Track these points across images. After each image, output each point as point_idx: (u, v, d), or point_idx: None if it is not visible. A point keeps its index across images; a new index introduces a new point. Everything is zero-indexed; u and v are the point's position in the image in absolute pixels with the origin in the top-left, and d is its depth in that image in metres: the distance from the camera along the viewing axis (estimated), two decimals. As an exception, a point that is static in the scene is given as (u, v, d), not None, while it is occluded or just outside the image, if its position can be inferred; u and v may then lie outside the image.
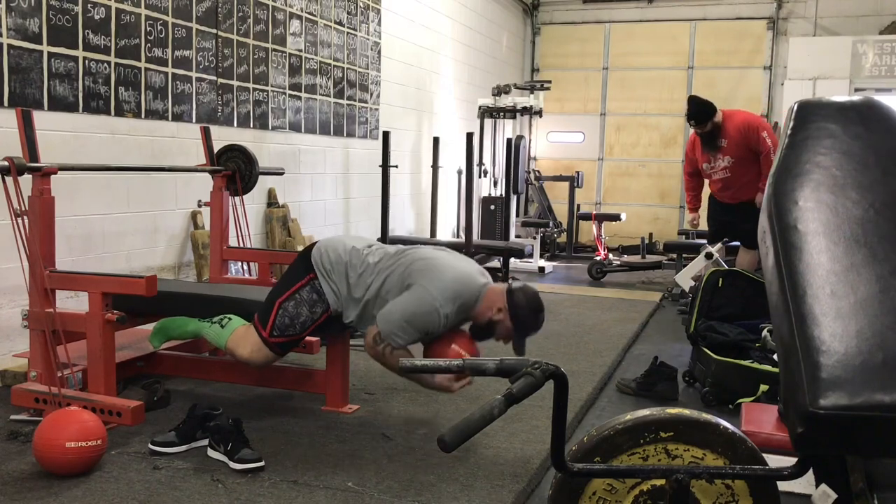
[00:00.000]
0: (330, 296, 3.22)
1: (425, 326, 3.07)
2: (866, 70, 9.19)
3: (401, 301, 3.09)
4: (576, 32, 11.58)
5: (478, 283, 3.17)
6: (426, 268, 3.13)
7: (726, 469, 1.75)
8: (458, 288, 3.09)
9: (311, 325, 3.23)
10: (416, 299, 3.06)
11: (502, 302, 3.12)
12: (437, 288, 3.06)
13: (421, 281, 3.09)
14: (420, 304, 3.05)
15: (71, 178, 3.99)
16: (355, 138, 6.98)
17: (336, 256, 3.26)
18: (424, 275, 3.10)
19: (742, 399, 3.66)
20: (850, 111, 1.76)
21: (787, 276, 1.56)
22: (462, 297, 3.10)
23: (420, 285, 3.08)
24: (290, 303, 3.22)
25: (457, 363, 1.71)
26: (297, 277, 3.26)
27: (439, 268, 3.13)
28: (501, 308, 3.12)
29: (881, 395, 1.41)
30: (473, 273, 3.21)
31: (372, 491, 2.70)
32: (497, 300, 3.13)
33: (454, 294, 3.07)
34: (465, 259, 3.33)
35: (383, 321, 3.09)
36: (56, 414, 2.82)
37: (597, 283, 8.07)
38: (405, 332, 3.07)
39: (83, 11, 4.12)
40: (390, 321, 3.07)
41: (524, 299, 3.13)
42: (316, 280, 3.23)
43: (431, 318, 3.05)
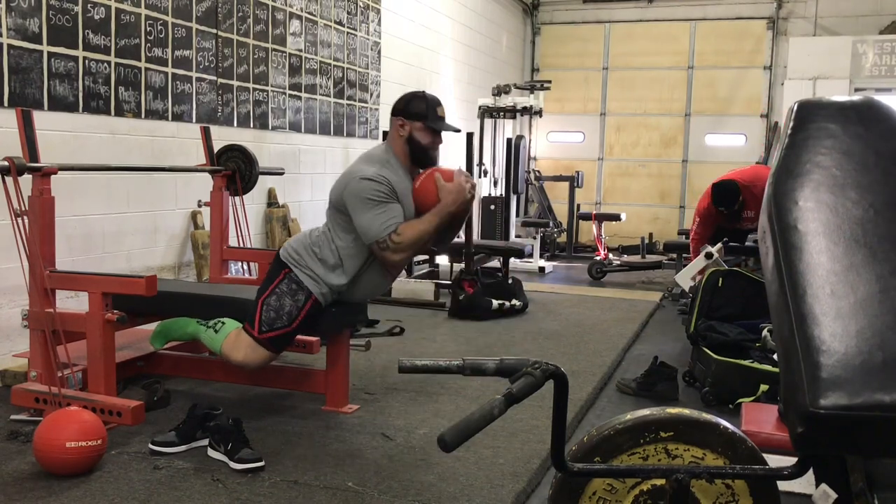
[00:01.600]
0: (308, 282, 3.27)
1: (378, 194, 3.15)
2: (866, 70, 9.19)
3: (353, 213, 3.19)
4: (576, 32, 11.58)
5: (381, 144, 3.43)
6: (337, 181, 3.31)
7: (726, 469, 1.75)
8: (364, 159, 3.31)
9: (297, 314, 3.26)
10: (351, 194, 3.18)
11: (397, 120, 3.31)
12: (349, 174, 3.24)
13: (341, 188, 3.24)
14: (355, 193, 3.16)
15: (71, 178, 3.98)
16: (355, 138, 6.98)
17: (299, 244, 3.36)
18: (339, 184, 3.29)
19: (742, 399, 3.66)
20: (850, 111, 1.76)
21: (787, 276, 1.56)
22: (373, 158, 3.30)
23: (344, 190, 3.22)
24: (272, 297, 3.28)
25: (457, 363, 1.71)
26: (275, 275, 3.34)
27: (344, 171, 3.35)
28: (400, 124, 3.30)
29: (881, 395, 1.41)
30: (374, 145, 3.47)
31: (372, 491, 2.70)
32: (393, 126, 3.33)
33: (364, 163, 3.26)
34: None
35: (364, 235, 3.19)
36: (56, 414, 2.82)
37: (597, 283, 8.07)
38: (380, 216, 3.15)
39: (83, 11, 4.12)
40: (365, 226, 3.17)
41: (403, 98, 3.36)
42: (291, 272, 3.31)
43: (369, 186, 3.15)
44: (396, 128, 3.31)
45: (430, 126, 3.31)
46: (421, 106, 3.31)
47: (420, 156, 3.33)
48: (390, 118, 3.38)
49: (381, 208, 3.14)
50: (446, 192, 3.21)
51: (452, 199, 3.22)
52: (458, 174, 3.28)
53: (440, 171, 3.27)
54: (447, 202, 3.21)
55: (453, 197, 3.22)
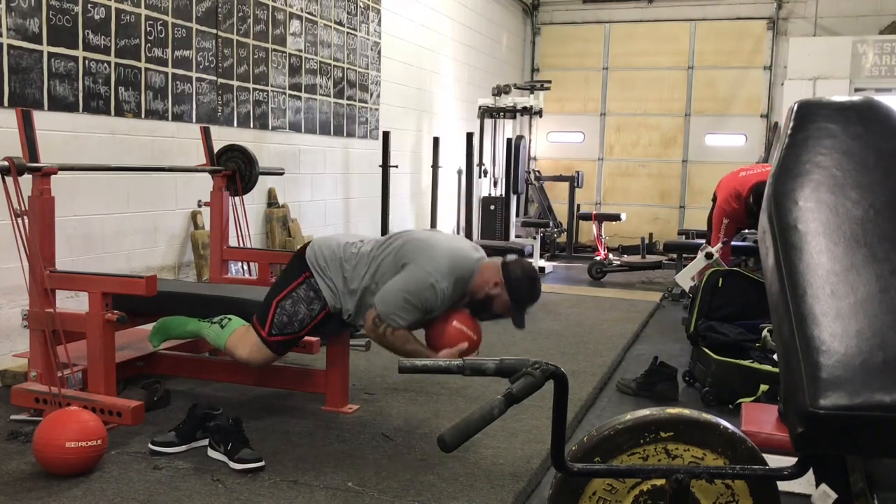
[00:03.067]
0: (326, 293, 3.23)
1: (423, 303, 3.07)
2: (866, 70, 9.20)
3: (397, 280, 3.10)
4: (576, 32, 11.58)
5: (472, 257, 3.20)
6: (419, 247, 3.15)
7: (726, 469, 1.75)
8: (452, 263, 3.11)
9: (309, 322, 3.24)
10: (412, 277, 3.06)
11: (498, 276, 3.14)
12: (432, 264, 3.07)
13: (415, 259, 3.10)
14: (416, 281, 3.05)
15: (71, 178, 3.98)
16: (355, 138, 6.98)
17: (330, 253, 3.27)
18: (418, 253, 3.11)
19: (742, 399, 3.66)
20: (850, 111, 1.76)
21: (787, 276, 1.56)
22: (457, 271, 3.11)
23: (414, 264, 3.09)
24: (288, 301, 3.23)
25: (457, 363, 1.71)
26: (293, 276, 3.27)
27: (432, 245, 3.15)
28: (497, 282, 3.14)
29: (881, 395, 1.41)
30: (467, 248, 3.24)
31: (372, 491, 2.70)
32: (493, 275, 3.15)
33: (449, 269, 3.09)
34: (457, 237, 3.37)
35: (381, 302, 3.10)
36: (56, 414, 2.82)
37: (597, 283, 8.07)
38: (404, 311, 3.07)
39: (83, 11, 4.12)
40: (388, 301, 3.08)
41: (520, 271, 3.17)
42: (312, 278, 3.25)
43: (429, 294, 3.05)
44: (493, 281, 3.15)
45: (513, 311, 3.19)
46: (525, 294, 3.17)
47: (480, 310, 3.23)
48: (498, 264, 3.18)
49: (409, 307, 3.06)
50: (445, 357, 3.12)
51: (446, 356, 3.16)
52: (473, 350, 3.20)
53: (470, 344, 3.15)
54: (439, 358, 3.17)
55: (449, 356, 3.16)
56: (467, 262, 3.16)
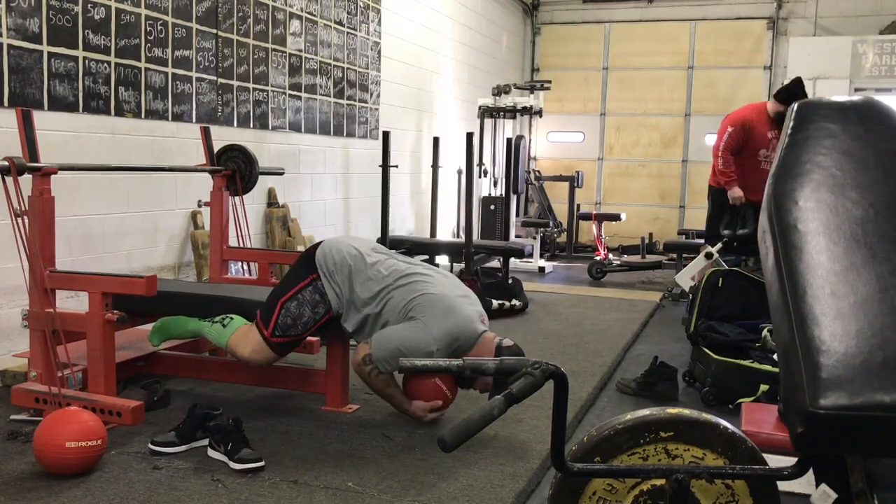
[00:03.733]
0: (332, 297, 3.24)
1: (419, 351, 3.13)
2: (866, 70, 9.20)
3: (400, 331, 3.16)
4: (576, 32, 11.58)
5: (476, 331, 3.28)
6: (433, 304, 3.20)
7: (726, 469, 1.75)
8: (457, 333, 3.20)
9: (312, 325, 3.25)
10: (416, 335, 3.14)
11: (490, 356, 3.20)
12: (439, 329, 3.15)
13: (424, 317, 3.16)
14: (417, 340, 3.13)
15: (71, 178, 3.98)
16: (355, 138, 6.98)
17: (341, 258, 3.28)
18: (429, 312, 3.17)
19: (742, 399, 3.66)
20: (850, 111, 1.76)
21: (787, 276, 1.56)
22: (457, 342, 3.21)
23: (423, 322, 3.16)
24: (293, 303, 3.23)
25: (456, 363, 1.71)
26: (300, 277, 3.27)
27: (445, 307, 3.21)
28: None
29: (881, 395, 1.41)
30: (474, 320, 3.30)
31: (372, 491, 2.70)
32: (485, 354, 3.23)
33: (452, 339, 3.18)
34: (470, 298, 3.40)
35: (378, 346, 3.16)
36: (56, 414, 2.82)
37: (597, 283, 8.07)
38: (395, 361, 3.12)
39: (83, 11, 4.12)
40: (385, 348, 3.15)
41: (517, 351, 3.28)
42: (319, 281, 3.25)
43: (423, 349, 3.13)
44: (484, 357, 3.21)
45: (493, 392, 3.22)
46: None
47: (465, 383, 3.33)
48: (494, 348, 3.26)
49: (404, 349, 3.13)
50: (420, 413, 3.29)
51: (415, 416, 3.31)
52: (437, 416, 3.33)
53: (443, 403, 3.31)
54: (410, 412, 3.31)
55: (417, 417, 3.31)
56: (471, 335, 3.25)
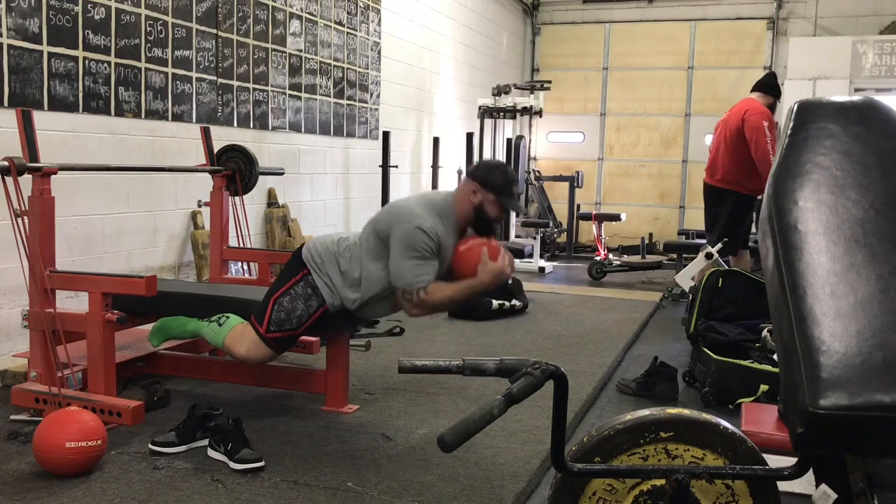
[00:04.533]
0: (324, 290, 3.25)
1: (425, 248, 3.10)
2: (866, 70, 9.19)
3: (393, 251, 3.15)
4: (576, 32, 11.58)
5: (442, 192, 3.34)
6: (390, 213, 3.25)
7: (726, 469, 1.75)
8: (425, 204, 3.22)
9: (307, 319, 3.25)
10: (400, 236, 3.12)
11: (471, 185, 3.25)
12: (408, 215, 3.15)
13: (393, 223, 3.17)
14: (405, 236, 3.11)
15: (71, 178, 3.99)
16: (355, 138, 6.98)
17: (325, 249, 3.31)
18: (392, 218, 3.20)
19: (742, 399, 3.66)
20: (850, 111, 1.76)
21: (787, 276, 1.56)
22: (433, 207, 3.20)
23: (394, 227, 3.15)
24: (285, 298, 3.25)
25: (457, 363, 1.71)
26: (291, 274, 3.30)
27: (401, 203, 3.29)
28: (474, 190, 3.24)
29: (881, 395, 1.41)
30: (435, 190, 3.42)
31: (372, 491, 2.70)
32: (467, 188, 3.27)
33: (425, 209, 3.18)
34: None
35: (396, 278, 3.14)
36: (56, 414, 2.82)
37: (597, 283, 8.07)
38: (417, 268, 3.10)
39: (83, 11, 4.12)
40: (400, 272, 3.12)
41: (486, 166, 3.32)
42: (309, 275, 3.27)
43: (423, 238, 3.09)
44: (469, 192, 3.24)
45: (502, 202, 3.25)
46: (500, 179, 3.24)
47: (482, 225, 3.29)
48: (465, 178, 3.31)
49: (421, 262, 3.10)
50: (487, 272, 3.12)
51: (489, 280, 3.14)
52: (503, 256, 3.17)
53: (489, 247, 3.17)
54: (484, 280, 3.14)
55: (492, 277, 3.13)
56: (438, 196, 3.32)
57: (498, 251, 3.17)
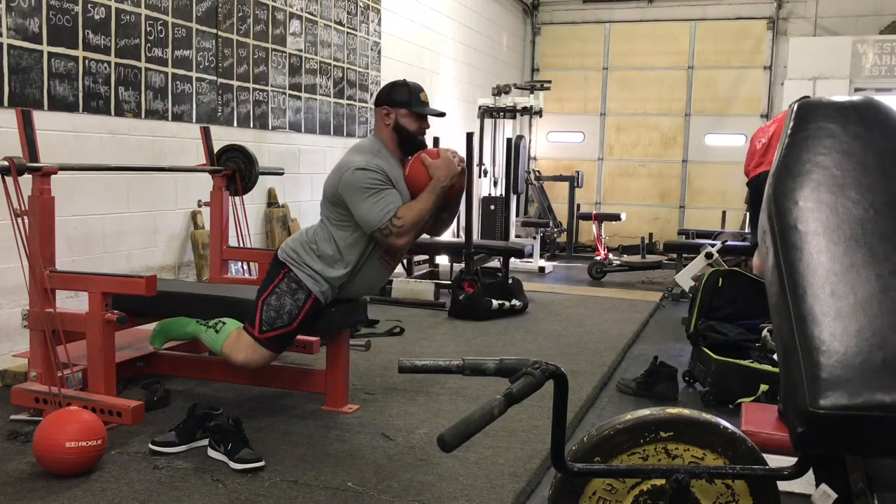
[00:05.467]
0: (307, 280, 3.28)
1: (374, 181, 3.20)
2: (866, 70, 9.19)
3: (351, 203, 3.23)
4: (576, 32, 11.58)
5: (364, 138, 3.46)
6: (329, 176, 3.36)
7: (726, 469, 1.75)
8: (353, 150, 3.37)
9: (298, 313, 3.26)
10: (348, 186, 3.22)
11: (381, 109, 3.37)
12: (342, 167, 3.28)
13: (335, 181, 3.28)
14: (351, 183, 3.20)
15: (71, 178, 3.98)
16: (355, 138, 6.97)
17: (296, 243, 3.38)
18: (333, 177, 3.32)
19: (742, 399, 3.66)
20: (850, 111, 1.76)
21: (787, 276, 1.56)
22: (361, 149, 3.34)
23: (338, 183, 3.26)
24: (272, 297, 3.29)
25: (456, 364, 1.71)
26: (274, 275, 3.36)
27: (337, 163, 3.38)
28: (385, 113, 3.34)
29: (881, 395, 1.41)
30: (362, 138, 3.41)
31: (372, 491, 2.70)
32: (379, 116, 3.38)
33: (354, 153, 3.31)
34: None
35: (366, 223, 3.23)
36: (56, 414, 2.82)
37: (597, 283, 8.07)
38: (379, 203, 3.19)
39: (83, 11, 4.12)
40: (365, 215, 3.21)
41: (385, 88, 3.42)
42: (290, 272, 3.32)
43: (364, 175, 3.19)
44: (382, 117, 3.37)
45: (415, 111, 3.35)
46: (403, 92, 3.36)
47: (408, 142, 3.38)
48: (375, 109, 3.42)
49: (379, 195, 3.19)
50: (435, 168, 3.25)
51: (443, 174, 3.26)
52: (444, 151, 3.32)
53: (426, 152, 3.32)
54: (439, 177, 3.25)
55: (443, 171, 3.26)
56: (364, 141, 3.50)
57: (436, 151, 3.32)
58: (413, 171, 3.32)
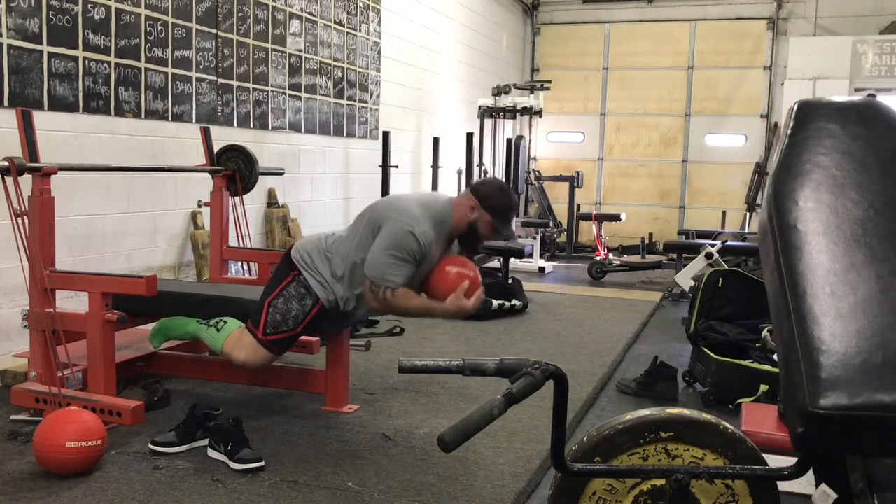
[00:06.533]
0: (317, 287, 3.25)
1: (411, 254, 3.10)
2: (866, 70, 9.20)
3: (377, 242, 3.14)
4: (576, 32, 11.58)
5: (442, 198, 3.30)
6: (387, 206, 3.23)
7: (726, 469, 1.75)
8: (423, 207, 3.18)
9: (303, 319, 3.25)
10: (390, 232, 3.11)
11: (471, 200, 3.22)
12: (404, 215, 3.13)
13: (387, 217, 3.15)
14: (394, 234, 3.10)
15: (71, 178, 3.98)
16: (355, 138, 6.98)
17: (312, 247, 3.32)
18: (388, 211, 3.19)
19: (742, 399, 3.66)
20: (850, 111, 1.76)
21: (787, 276, 1.56)
22: (430, 212, 3.18)
23: (388, 221, 3.14)
24: (280, 300, 3.25)
25: (456, 364, 1.71)
26: (283, 276, 3.31)
27: (400, 200, 3.25)
28: (473, 206, 3.22)
29: (881, 395, 1.41)
30: (435, 194, 3.32)
31: (372, 491, 2.70)
32: (466, 201, 3.24)
33: (421, 213, 3.15)
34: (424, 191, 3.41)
35: (370, 267, 3.14)
36: (56, 414, 2.82)
37: (597, 283, 8.07)
38: (395, 269, 3.11)
39: (83, 11, 4.12)
40: (376, 264, 3.12)
41: (489, 186, 3.27)
42: (300, 275, 3.28)
43: (411, 243, 3.08)
44: (468, 206, 3.22)
45: (497, 226, 3.26)
46: (501, 204, 3.24)
47: (470, 239, 3.30)
48: (467, 190, 3.29)
49: (400, 263, 3.10)
50: (456, 305, 3.15)
51: (454, 312, 3.20)
52: (478, 296, 3.20)
53: (471, 282, 3.18)
54: (448, 310, 3.19)
55: (456, 310, 3.18)
56: (437, 202, 3.26)
57: (476, 289, 3.19)
58: (448, 279, 3.19)
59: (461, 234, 3.28)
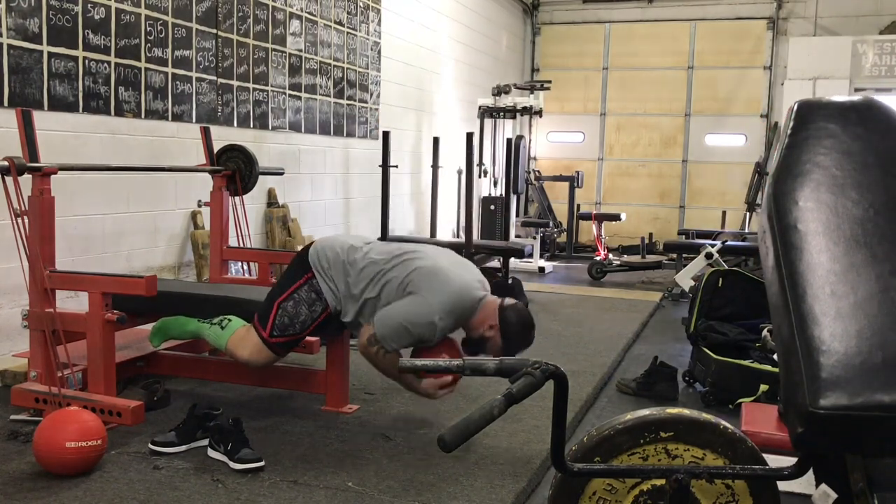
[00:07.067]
0: (328, 294, 3.23)
1: (420, 335, 3.10)
2: (866, 70, 9.20)
3: (401, 307, 3.10)
4: (576, 32, 11.59)
5: (476, 296, 3.19)
6: (428, 276, 3.13)
7: (726, 469, 1.75)
8: (456, 301, 3.12)
9: (311, 324, 3.24)
10: (416, 309, 3.08)
11: (494, 319, 3.16)
12: (438, 300, 3.08)
13: (422, 290, 3.10)
14: (418, 314, 3.08)
15: (71, 178, 3.98)
16: (355, 138, 6.98)
17: (334, 255, 3.26)
18: (426, 284, 3.11)
19: (742, 399, 3.66)
20: (850, 111, 1.76)
21: (787, 276, 1.56)
22: (459, 309, 3.13)
23: (421, 295, 3.09)
24: (289, 302, 3.22)
25: (456, 363, 1.71)
26: (296, 277, 3.27)
27: (441, 278, 3.13)
28: (493, 325, 3.16)
29: (881, 395, 1.41)
30: (473, 285, 3.22)
31: (372, 491, 2.70)
32: (490, 316, 3.17)
33: (452, 307, 3.11)
34: (465, 266, 3.33)
35: (381, 324, 3.11)
36: (56, 414, 2.82)
37: (597, 283, 8.07)
38: (400, 338, 3.11)
39: (83, 11, 4.12)
40: (388, 325, 3.10)
41: (515, 318, 3.18)
42: (314, 279, 3.24)
43: (427, 329, 3.09)
44: (490, 322, 3.16)
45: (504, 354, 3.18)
46: (519, 340, 3.20)
47: (474, 347, 3.26)
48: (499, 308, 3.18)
49: (406, 335, 3.09)
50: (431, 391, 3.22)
51: (425, 394, 3.25)
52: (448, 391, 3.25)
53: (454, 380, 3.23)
54: (421, 391, 3.24)
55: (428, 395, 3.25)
56: (471, 300, 3.17)
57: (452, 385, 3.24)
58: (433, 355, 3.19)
59: (470, 338, 3.24)
